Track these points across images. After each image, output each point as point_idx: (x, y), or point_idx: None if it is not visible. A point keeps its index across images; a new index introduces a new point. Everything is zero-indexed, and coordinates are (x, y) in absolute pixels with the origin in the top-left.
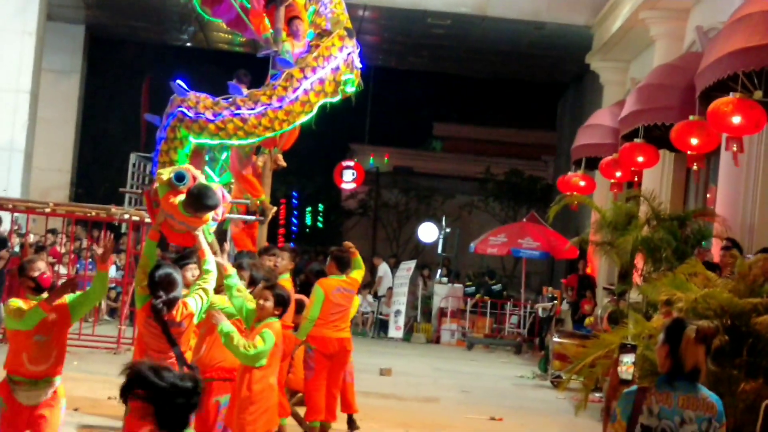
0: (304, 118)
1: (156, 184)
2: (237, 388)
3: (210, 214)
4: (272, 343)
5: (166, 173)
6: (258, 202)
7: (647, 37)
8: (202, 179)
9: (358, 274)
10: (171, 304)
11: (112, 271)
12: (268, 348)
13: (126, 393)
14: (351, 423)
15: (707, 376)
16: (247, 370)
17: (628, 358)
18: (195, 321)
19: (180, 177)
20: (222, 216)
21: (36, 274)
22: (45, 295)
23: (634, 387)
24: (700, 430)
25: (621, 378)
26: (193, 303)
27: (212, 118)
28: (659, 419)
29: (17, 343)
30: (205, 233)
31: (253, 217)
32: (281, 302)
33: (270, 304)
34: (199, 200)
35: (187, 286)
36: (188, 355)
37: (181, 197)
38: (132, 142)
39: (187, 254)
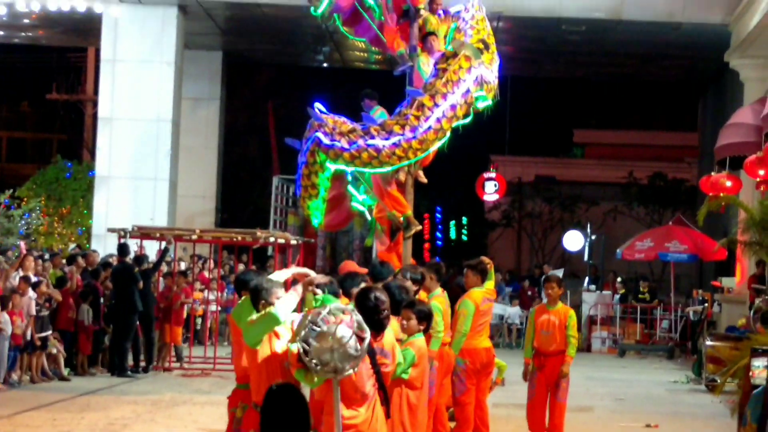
0: (437, 144)
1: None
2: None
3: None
4: (411, 360)
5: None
6: (402, 218)
7: None
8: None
9: (491, 283)
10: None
11: None
12: (407, 363)
13: None
14: None
15: None
16: (398, 387)
17: (759, 363)
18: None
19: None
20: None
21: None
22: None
23: (761, 388)
24: None
25: (753, 383)
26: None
27: (347, 146)
28: None
29: None
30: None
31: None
32: (424, 317)
33: (413, 322)
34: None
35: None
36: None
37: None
38: (272, 166)
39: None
